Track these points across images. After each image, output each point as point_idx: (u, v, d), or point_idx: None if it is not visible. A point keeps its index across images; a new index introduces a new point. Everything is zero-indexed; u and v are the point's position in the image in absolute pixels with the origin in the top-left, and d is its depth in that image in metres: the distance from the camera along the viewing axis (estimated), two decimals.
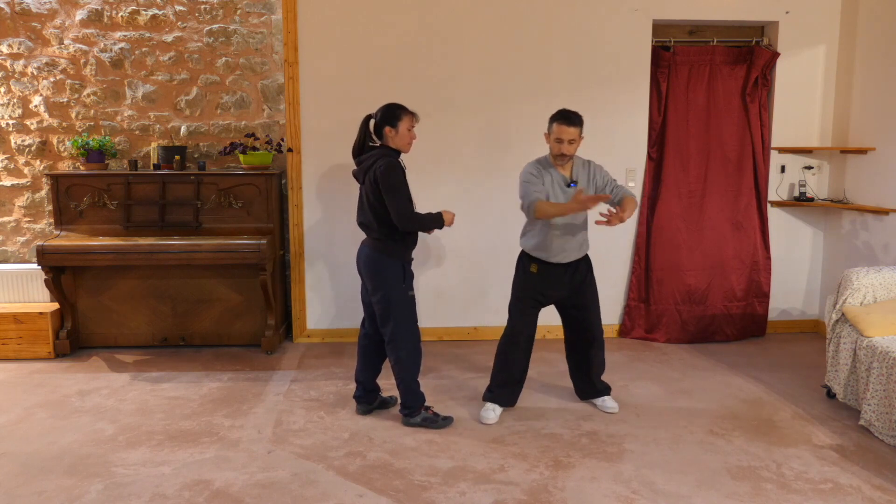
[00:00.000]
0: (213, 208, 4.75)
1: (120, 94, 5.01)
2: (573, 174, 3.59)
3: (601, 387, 3.86)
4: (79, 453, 3.28)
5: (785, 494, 2.91)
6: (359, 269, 3.58)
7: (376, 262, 3.46)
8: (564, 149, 3.48)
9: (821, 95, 5.13)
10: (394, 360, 3.54)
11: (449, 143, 4.98)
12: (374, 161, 3.39)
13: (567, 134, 3.45)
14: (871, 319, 3.58)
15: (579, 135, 3.48)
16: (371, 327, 3.67)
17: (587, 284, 3.71)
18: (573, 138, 3.46)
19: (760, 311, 5.20)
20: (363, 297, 3.66)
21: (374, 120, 3.47)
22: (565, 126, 3.45)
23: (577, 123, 3.46)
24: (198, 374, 4.40)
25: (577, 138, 3.48)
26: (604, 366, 3.87)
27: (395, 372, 3.55)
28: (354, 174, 3.53)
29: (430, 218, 3.46)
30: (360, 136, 3.49)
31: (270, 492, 2.93)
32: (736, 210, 5.11)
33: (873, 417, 3.42)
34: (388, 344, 3.54)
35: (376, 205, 3.39)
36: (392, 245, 3.45)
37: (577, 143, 3.49)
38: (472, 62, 4.93)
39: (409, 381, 3.55)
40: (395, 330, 3.48)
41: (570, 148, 3.48)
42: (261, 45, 5.01)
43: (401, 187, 3.34)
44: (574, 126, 3.46)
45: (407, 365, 3.53)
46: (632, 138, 5.07)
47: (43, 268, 4.53)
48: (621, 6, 4.92)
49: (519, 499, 2.87)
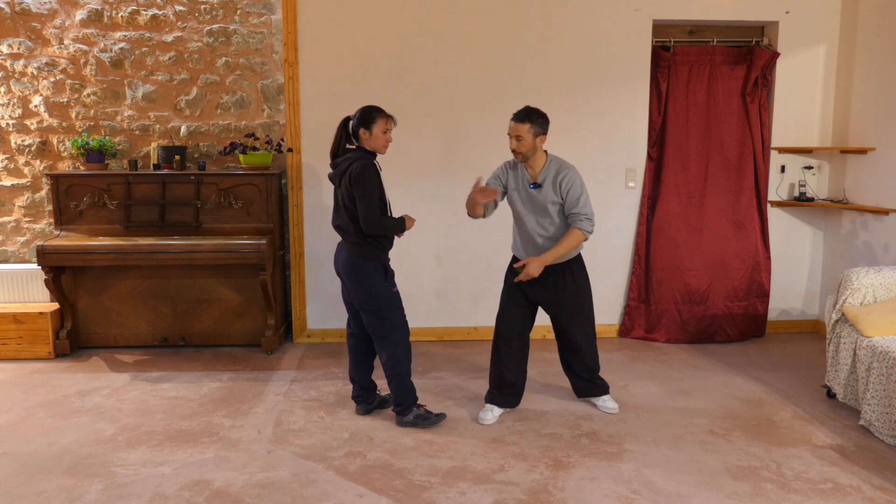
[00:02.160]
0: (213, 208, 4.75)
1: (120, 94, 5.01)
2: (541, 175, 3.51)
3: (599, 384, 3.83)
4: (79, 453, 3.28)
5: (785, 494, 2.91)
6: (337, 272, 3.57)
7: (357, 267, 3.45)
8: (513, 145, 3.45)
9: (821, 95, 5.13)
10: (386, 357, 3.53)
11: (449, 143, 4.98)
12: (349, 164, 3.39)
13: (513, 130, 3.43)
14: (871, 319, 3.58)
15: (529, 131, 3.40)
16: (356, 325, 3.67)
17: (569, 289, 3.61)
18: (519, 134, 3.41)
19: (760, 311, 5.20)
20: (345, 297, 3.65)
21: (351, 122, 3.47)
22: (512, 122, 3.44)
23: (522, 119, 3.41)
24: (198, 374, 4.40)
25: (525, 135, 3.40)
26: (594, 367, 3.80)
27: (388, 368, 3.54)
28: (330, 177, 3.51)
29: (394, 222, 3.46)
30: (338, 139, 3.48)
31: (270, 492, 2.93)
32: (736, 210, 5.11)
33: (873, 417, 3.42)
34: (379, 341, 3.53)
35: (352, 208, 3.39)
36: (369, 248, 3.44)
37: (525, 140, 3.41)
38: (472, 62, 4.93)
39: (405, 375, 3.55)
40: (386, 327, 3.49)
41: (520, 145, 3.43)
42: (261, 45, 5.01)
43: (372, 191, 3.33)
44: (519, 122, 3.41)
45: (402, 358, 3.53)
46: (632, 138, 5.07)
47: (43, 268, 4.53)
48: (621, 6, 4.92)
49: (519, 499, 2.87)
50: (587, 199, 3.51)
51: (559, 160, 3.55)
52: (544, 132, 3.46)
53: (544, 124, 3.45)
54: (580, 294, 3.66)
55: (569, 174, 3.48)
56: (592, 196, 5.05)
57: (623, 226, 5.16)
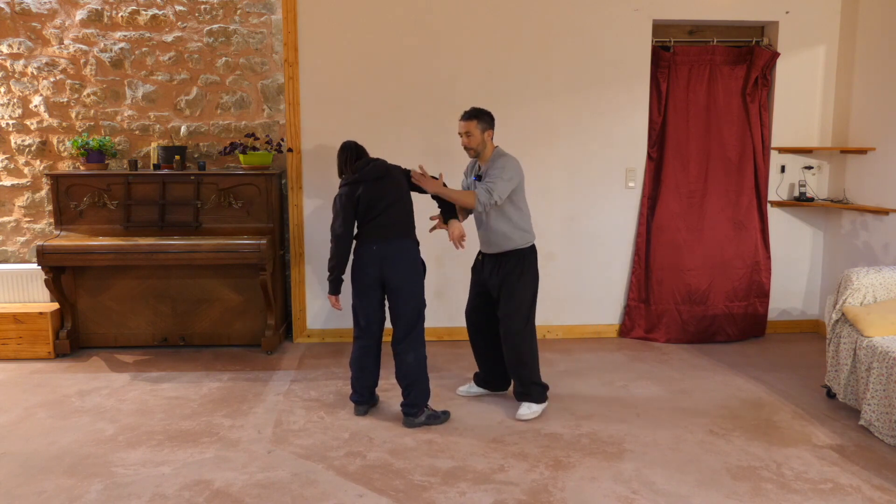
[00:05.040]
0: (213, 208, 4.75)
1: (120, 94, 5.01)
2: (484, 167, 3.75)
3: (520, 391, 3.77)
4: (79, 453, 3.28)
5: (785, 494, 2.91)
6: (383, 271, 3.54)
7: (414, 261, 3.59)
8: (463, 141, 3.71)
9: (821, 95, 5.13)
10: (413, 357, 3.55)
11: (449, 143, 4.98)
12: (384, 163, 3.62)
13: (461, 127, 3.69)
14: (871, 319, 3.58)
15: (476, 127, 3.65)
16: (373, 333, 3.65)
17: (511, 280, 3.69)
18: (468, 131, 3.66)
19: (761, 311, 5.19)
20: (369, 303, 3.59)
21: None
22: (460, 121, 3.71)
23: (469, 118, 3.66)
24: (198, 374, 4.40)
25: (473, 131, 3.65)
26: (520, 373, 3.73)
27: (413, 369, 3.55)
28: (363, 176, 3.56)
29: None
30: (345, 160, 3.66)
31: (270, 492, 2.93)
32: (736, 210, 5.10)
33: (873, 417, 3.42)
34: (407, 340, 3.55)
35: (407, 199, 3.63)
36: (416, 242, 3.67)
37: (474, 135, 3.66)
38: (472, 62, 4.93)
39: (426, 376, 3.61)
40: (419, 324, 3.59)
41: (469, 141, 3.68)
42: (261, 45, 5.01)
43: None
44: (466, 120, 3.67)
45: (424, 358, 3.60)
46: (632, 138, 5.07)
47: (43, 268, 4.53)
48: (621, 6, 4.92)
49: (519, 499, 2.87)
50: (503, 182, 3.61)
51: (502, 152, 3.75)
52: (491, 127, 3.72)
53: (491, 121, 3.72)
54: (520, 288, 3.70)
55: (501, 161, 3.67)
56: (592, 195, 5.11)
57: (623, 226, 5.16)
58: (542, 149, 5.01)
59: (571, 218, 5.08)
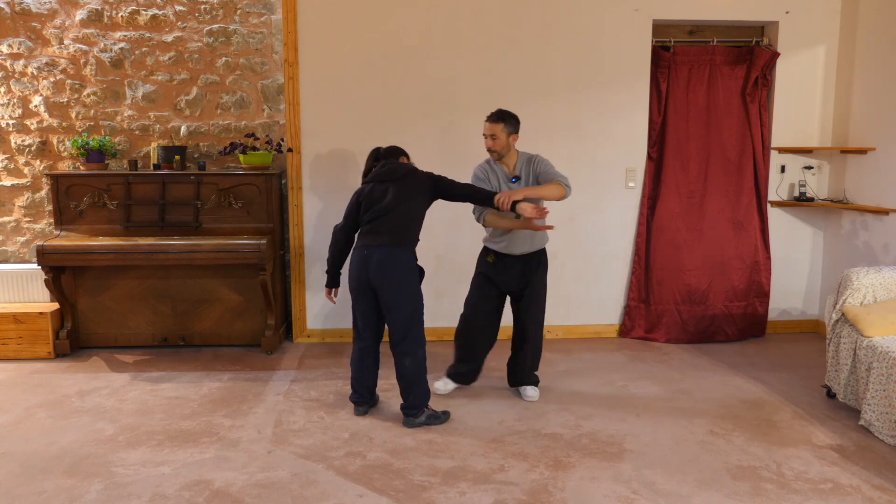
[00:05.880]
0: (213, 208, 4.75)
1: (120, 94, 5.01)
2: (516, 169, 3.75)
3: (530, 378, 4.00)
4: (79, 453, 3.28)
5: (785, 494, 2.91)
6: (361, 279, 3.54)
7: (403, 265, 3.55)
8: (488, 144, 3.72)
9: (821, 95, 5.13)
10: (410, 360, 3.54)
11: (449, 143, 4.98)
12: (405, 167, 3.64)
13: (487, 129, 3.71)
14: (871, 319, 3.58)
15: (502, 130, 3.67)
16: (371, 334, 3.66)
17: (535, 280, 3.81)
18: (494, 133, 3.68)
19: (760, 311, 5.20)
20: (362, 304, 3.60)
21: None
22: (486, 122, 3.73)
23: (495, 120, 3.68)
24: (198, 374, 4.40)
25: (500, 134, 3.67)
26: (535, 363, 3.99)
27: (411, 371, 3.54)
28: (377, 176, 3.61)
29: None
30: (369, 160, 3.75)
31: (270, 492, 2.93)
32: (736, 210, 5.11)
33: (873, 417, 3.42)
34: (405, 343, 3.54)
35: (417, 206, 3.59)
36: (412, 248, 3.62)
37: (500, 139, 3.68)
38: (472, 62, 4.93)
39: (425, 377, 3.60)
40: (416, 328, 3.57)
41: (494, 143, 3.70)
42: (261, 45, 5.01)
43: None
44: (492, 122, 3.69)
45: (424, 360, 3.59)
46: (632, 138, 5.07)
47: (43, 268, 4.53)
48: (621, 6, 4.92)
49: (519, 499, 2.87)
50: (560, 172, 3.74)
51: (527, 153, 3.82)
52: (516, 132, 3.74)
53: (516, 125, 3.74)
54: (542, 287, 3.87)
55: (538, 158, 3.77)
56: (592, 195, 5.10)
57: (623, 226, 5.16)
58: (543, 149, 4.98)
59: (571, 218, 5.08)
